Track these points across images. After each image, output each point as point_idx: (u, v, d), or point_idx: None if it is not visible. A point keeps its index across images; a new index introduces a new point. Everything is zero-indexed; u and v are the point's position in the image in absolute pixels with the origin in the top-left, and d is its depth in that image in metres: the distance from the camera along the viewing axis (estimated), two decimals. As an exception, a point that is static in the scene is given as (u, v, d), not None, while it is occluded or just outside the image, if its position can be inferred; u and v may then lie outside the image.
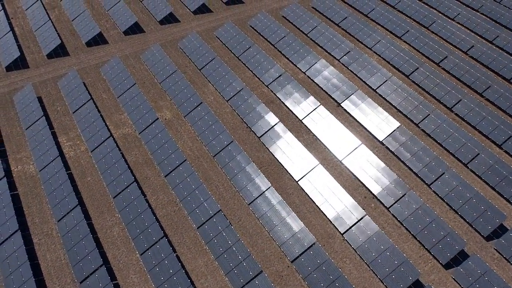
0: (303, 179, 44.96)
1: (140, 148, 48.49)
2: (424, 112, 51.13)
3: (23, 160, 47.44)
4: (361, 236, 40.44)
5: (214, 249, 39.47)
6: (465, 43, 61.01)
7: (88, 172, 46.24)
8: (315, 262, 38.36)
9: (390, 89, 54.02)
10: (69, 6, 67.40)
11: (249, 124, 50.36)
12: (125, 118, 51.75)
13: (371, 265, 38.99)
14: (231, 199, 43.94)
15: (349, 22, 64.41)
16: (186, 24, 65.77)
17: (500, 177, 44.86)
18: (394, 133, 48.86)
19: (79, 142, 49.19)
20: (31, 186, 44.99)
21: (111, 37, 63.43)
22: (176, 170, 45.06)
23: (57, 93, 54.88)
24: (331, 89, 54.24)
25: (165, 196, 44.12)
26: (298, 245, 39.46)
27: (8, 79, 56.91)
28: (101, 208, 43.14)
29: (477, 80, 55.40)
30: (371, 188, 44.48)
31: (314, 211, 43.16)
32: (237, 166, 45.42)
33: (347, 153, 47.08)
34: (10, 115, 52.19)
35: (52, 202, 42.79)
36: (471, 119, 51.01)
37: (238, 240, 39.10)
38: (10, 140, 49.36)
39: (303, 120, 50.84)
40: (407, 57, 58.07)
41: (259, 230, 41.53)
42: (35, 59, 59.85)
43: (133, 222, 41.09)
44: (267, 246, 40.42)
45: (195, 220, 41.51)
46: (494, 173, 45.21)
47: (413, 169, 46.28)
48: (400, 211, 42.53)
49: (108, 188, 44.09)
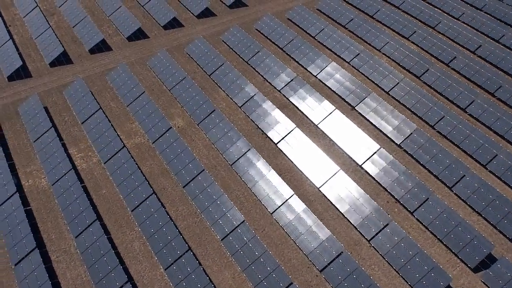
0: (325, 186, 44.26)
1: (154, 158, 47.23)
2: (439, 114, 50.86)
3: (33, 173, 45.81)
4: (388, 242, 39.89)
5: (240, 261, 38.51)
6: (472, 43, 61.03)
7: (102, 184, 44.84)
8: (345, 271, 37.67)
9: (403, 91, 53.66)
10: (68, 12, 65.61)
11: (265, 130, 49.47)
12: (137, 127, 50.40)
13: (401, 272, 38.46)
14: (253, 208, 43.01)
15: (355, 23, 63.95)
16: (190, 28, 64.55)
17: (520, 178, 44.81)
18: (411, 136, 48.48)
19: (91, 153, 47.71)
20: (44, 201, 43.43)
21: (115, 43, 61.89)
22: (194, 180, 43.95)
23: (63, 103, 53.24)
24: (344, 92, 53.65)
25: (185, 208, 42.99)
26: (326, 254, 38.72)
27: (11, 89, 55.05)
28: (119, 221, 41.83)
29: (488, 80, 55.38)
30: (393, 193, 43.99)
31: (338, 218, 42.48)
32: (257, 174, 44.50)
33: (366, 157, 46.52)
34: (16, 127, 50.42)
35: (68, 217, 41.33)
36: (486, 120, 50.91)
37: (265, 251, 38.20)
38: (18, 153, 47.66)
39: (319, 125, 50.14)
40: (417, 58, 57.81)
41: (284, 240, 40.68)
42: (38, 67, 58.04)
43: (155, 236, 39.88)
44: (294, 256, 39.60)
45: (219, 231, 40.48)
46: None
47: (433, 172, 45.91)
48: (425, 215, 42.09)
49: (126, 201, 42.78)
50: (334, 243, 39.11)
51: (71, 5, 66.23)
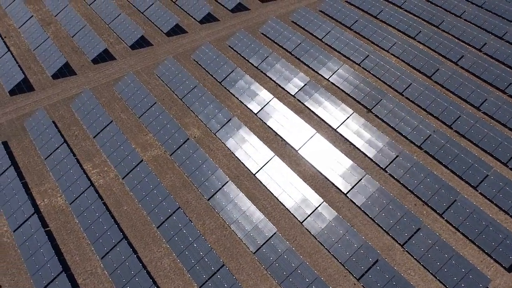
0: (352, 191, 43.66)
1: (174, 170, 45.81)
2: (455, 113, 50.89)
3: (48, 192, 43.84)
4: (422, 246, 39.51)
5: (277, 274, 37.54)
6: (478, 40, 61.44)
7: (123, 200, 43.22)
8: (384, 278, 37.11)
9: (417, 92, 53.53)
10: (66, 21, 63.38)
11: (285, 137, 48.58)
12: (151, 139, 48.84)
13: (438, 275, 38.11)
14: (282, 218, 42.08)
15: (361, 24, 63.66)
16: (194, 34, 63.14)
17: (542, 174, 45.12)
18: (431, 137, 48.32)
19: (107, 168, 45.97)
20: (63, 220, 41.57)
21: (118, 52, 60.03)
22: (220, 191, 42.76)
23: (71, 116, 51.24)
24: (359, 95, 53.20)
25: (212, 221, 41.76)
26: (363, 261, 38.09)
27: (14, 104, 52.72)
28: (145, 239, 40.32)
29: (498, 77, 55.77)
30: (420, 195, 43.69)
31: (368, 224, 41.93)
32: (282, 183, 43.56)
33: (390, 160, 46.14)
34: (24, 143, 48.25)
35: (91, 237, 39.61)
36: (501, 117, 51.17)
37: (302, 262, 37.34)
38: (30, 172, 45.57)
39: (338, 129, 49.54)
40: (426, 57, 57.81)
41: (317, 249, 39.89)
42: (40, 80, 55.79)
43: (186, 252, 38.55)
44: (329, 265, 38.85)
45: (251, 244, 39.41)
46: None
47: (457, 172, 45.85)
48: (454, 216, 41.93)
49: (150, 217, 41.28)
50: (370, 250, 38.52)
51: (68, 14, 64.00)
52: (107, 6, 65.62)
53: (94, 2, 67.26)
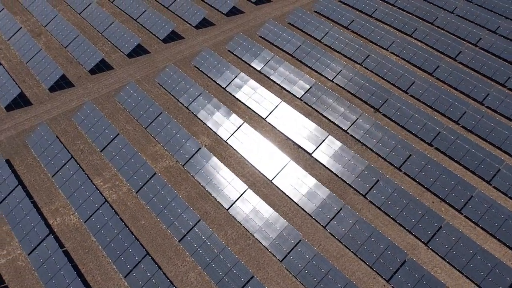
0: (370, 193, 43.58)
1: (188, 181, 44.75)
2: (461, 109, 51.52)
3: (60, 211, 42.17)
4: (446, 243, 39.74)
5: (307, 280, 37.06)
6: (473, 35, 62.46)
7: (139, 215, 41.94)
8: (413, 277, 37.12)
9: (422, 89, 53.96)
10: (58, 31, 61.27)
11: (297, 141, 48.15)
12: (161, 149, 47.63)
13: (465, 271, 38.36)
14: (304, 223, 41.64)
15: (358, 24, 63.84)
16: (191, 40, 62.03)
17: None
18: (441, 134, 48.74)
19: (118, 182, 44.56)
20: (79, 240, 40.03)
21: (115, 61, 58.39)
22: (239, 200, 41.99)
23: (74, 130, 49.50)
24: (365, 95, 53.26)
25: (234, 231, 40.95)
26: (391, 262, 38.00)
27: (12, 119, 50.59)
28: (167, 253, 39.21)
29: (497, 71, 56.79)
30: (437, 192, 43.96)
31: (390, 224, 41.92)
32: (301, 188, 43.13)
33: (404, 159, 46.28)
34: (27, 161, 46.31)
35: (112, 256, 38.26)
36: (505, 111, 52.08)
37: (331, 267, 36.98)
38: (37, 190, 43.75)
39: (349, 130, 49.42)
40: (425, 54, 58.38)
41: (343, 252, 39.60)
42: (36, 94, 53.73)
43: (212, 265, 37.66)
44: (357, 268, 38.63)
45: (277, 252, 38.81)
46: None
47: (469, 168, 46.35)
48: (473, 211, 42.33)
49: (170, 230, 40.18)
50: (397, 250, 38.46)
51: (59, 24, 61.91)
52: (99, 15, 63.80)
53: (84, 11, 65.31)
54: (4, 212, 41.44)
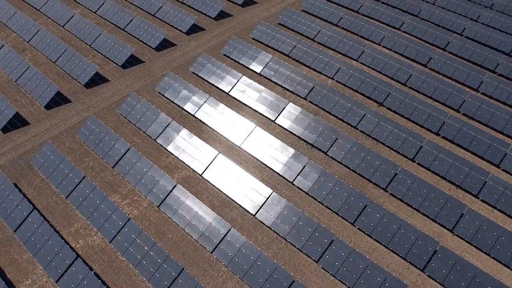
0: (391, 185, 44.31)
1: (208, 190, 43.98)
2: (460, 98, 53.24)
3: (81, 232, 40.45)
4: (470, 228, 40.97)
5: (346, 278, 37.26)
6: (457, 25, 64.66)
7: (165, 229, 40.84)
8: (447, 264, 38.05)
9: (420, 81, 55.37)
10: (43, 46, 58.66)
11: (309, 140, 48.27)
12: (175, 160, 46.56)
13: (492, 253, 39.69)
14: (331, 221, 41.83)
15: (347, 21, 64.74)
16: (184, 46, 60.97)
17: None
18: (446, 122, 50.21)
19: (137, 197, 43.24)
20: (107, 260, 38.54)
21: (109, 73, 56.57)
22: (265, 205, 41.69)
23: (79, 147, 47.61)
24: (368, 90, 54.09)
25: (264, 235, 40.60)
26: (424, 252, 38.78)
27: (11, 141, 48.07)
28: (201, 265, 38.40)
29: (486, 58, 59.09)
30: (453, 180, 45.18)
31: (413, 214, 42.73)
32: (322, 186, 43.28)
33: (416, 150, 47.32)
34: (36, 183, 44.14)
35: (146, 274, 37.06)
36: (500, 96, 54.24)
37: (369, 262, 37.35)
38: (52, 213, 41.79)
39: (358, 126, 50.03)
40: (417, 46, 59.97)
41: (375, 246, 40.08)
42: (32, 112, 51.29)
43: (251, 272, 37.19)
44: (391, 260, 39.18)
45: (312, 253, 38.79)
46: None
47: (478, 153, 47.94)
48: (490, 195, 43.80)
49: (201, 242, 39.36)
50: (427, 239, 39.31)
51: (44, 38, 59.31)
52: (85, 26, 61.63)
53: (68, 23, 62.90)
54: (21, 239, 39.36)
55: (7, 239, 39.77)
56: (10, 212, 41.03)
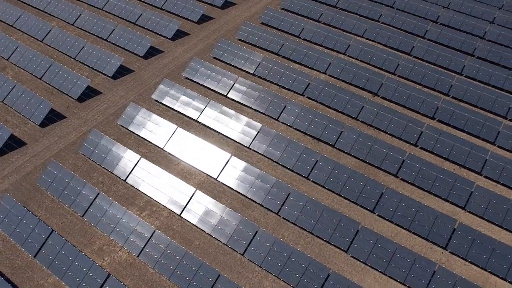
0: (401, 171, 45.92)
1: (226, 192, 43.89)
2: (448, 82, 55.83)
3: (104, 250, 39.33)
4: (481, 204, 43.15)
5: (376, 263, 38.37)
6: (432, 13, 67.59)
7: (191, 236, 40.42)
8: (467, 239, 39.94)
9: (408, 69, 57.55)
10: (26, 62, 56.21)
11: (316, 135, 49.08)
12: (187, 167, 46.08)
13: (504, 225, 42.05)
14: (350, 211, 42.88)
15: (328, 16, 66.18)
16: (172, 52, 60.24)
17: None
18: (440, 106, 52.49)
19: (156, 208, 42.50)
20: (137, 275, 37.72)
21: (100, 85, 55.06)
22: (286, 202, 42.12)
23: (85, 163, 46.15)
24: (361, 81, 55.62)
25: (290, 232, 41.05)
26: (444, 231, 40.51)
27: (10, 164, 45.88)
28: (235, 268, 38.35)
29: (464, 43, 62.21)
30: (456, 160, 47.46)
31: (425, 196, 44.54)
32: (337, 178, 44.25)
33: (418, 135, 49.26)
34: (46, 204, 42.43)
35: (181, 283, 36.56)
36: (483, 78, 57.30)
37: (398, 245, 38.62)
38: (70, 233, 40.35)
39: (359, 117, 51.42)
40: (399, 36, 62.26)
41: (396, 230, 41.44)
42: (27, 132, 49.14)
43: (286, 269, 37.58)
44: (414, 242, 40.65)
45: (341, 243, 39.64)
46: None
47: (473, 133, 50.53)
48: (492, 172, 46.31)
49: (230, 245, 39.29)
50: (445, 218, 41.11)
51: (25, 54, 56.82)
52: (66, 39, 59.58)
53: (47, 37, 60.56)
54: (44, 263, 37.80)
55: (28, 265, 38.10)
56: (27, 236, 39.29)
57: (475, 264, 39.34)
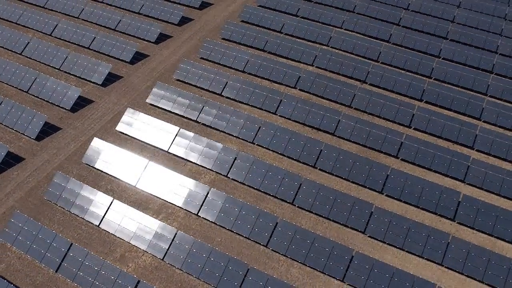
0: (401, 152, 48.04)
1: (238, 188, 44.39)
2: (429, 65, 58.62)
3: (126, 256, 38.94)
4: (479, 175, 45.90)
5: (395, 240, 40.07)
6: (402, 1, 70.59)
7: (211, 234, 40.70)
8: (473, 210, 42.43)
9: (390, 55, 60.00)
10: (8, 76, 54.13)
11: (315, 125, 50.45)
12: (194, 168, 46.17)
13: (502, 193, 44.95)
14: (360, 194, 44.47)
15: (305, 10, 67.73)
16: (157, 55, 59.89)
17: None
18: (426, 89, 55.14)
19: (171, 210, 42.41)
20: (165, 277, 37.64)
21: (91, 93, 54.04)
22: (300, 191, 43.15)
23: (90, 172, 45.32)
24: (348, 70, 57.47)
25: (307, 219, 42.09)
26: (450, 203, 42.83)
27: (11, 181, 44.37)
28: (260, 259, 39.02)
29: (437, 27, 65.40)
30: (449, 137, 50.14)
31: (427, 174, 46.89)
32: (343, 164, 45.74)
33: (410, 118, 51.60)
34: (56, 217, 41.41)
35: (211, 280, 36.83)
36: (460, 59, 60.54)
37: (411, 221, 40.54)
38: (89, 244, 39.65)
39: (352, 104, 53.18)
40: (376, 25, 64.70)
41: (406, 208, 43.39)
42: (23, 147, 47.61)
43: (310, 255, 38.62)
44: (423, 217, 42.67)
45: (357, 225, 41.08)
46: None
47: (460, 111, 53.47)
48: (483, 144, 49.28)
49: (252, 238, 39.86)
50: (450, 192, 43.47)
51: (6, 68, 54.84)
52: (47, 50, 57.97)
53: (26, 49, 58.66)
54: (68, 277, 37.02)
55: (50, 280, 37.19)
56: (45, 252, 38.31)
57: (482, 232, 41.92)
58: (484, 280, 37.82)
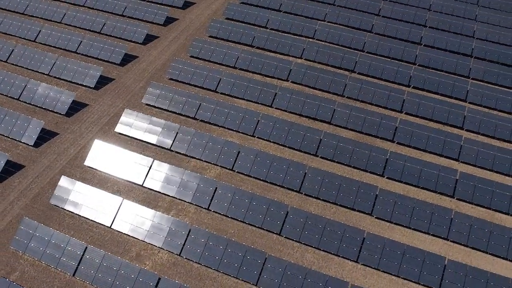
0: (396, 136, 49.78)
1: (244, 180, 45.06)
2: (413, 52, 60.80)
3: (143, 254, 39.01)
4: (472, 153, 48.16)
5: (401, 219, 41.71)
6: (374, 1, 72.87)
7: (224, 226, 41.23)
8: (470, 186, 44.56)
9: (375, 45, 61.81)
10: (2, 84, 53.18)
11: (311, 115, 51.66)
12: (199, 163, 46.53)
13: (494, 168, 47.31)
14: (362, 178, 45.93)
15: (288, 5, 68.89)
16: (146, 56, 59.74)
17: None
18: (413, 75, 57.23)
19: (181, 206, 42.70)
20: (183, 272, 37.95)
21: (84, 97, 53.46)
22: (306, 179, 44.19)
23: (94, 175, 45.00)
24: (336, 61, 58.92)
25: (315, 206, 43.15)
26: (448, 181, 44.83)
27: (13, 189, 43.57)
28: (275, 247, 39.81)
29: (415, 16, 67.76)
30: (440, 119, 52.26)
31: (423, 155, 48.80)
32: (343, 150, 47.09)
33: (401, 103, 53.50)
34: (66, 221, 41.00)
35: (231, 271, 37.39)
36: (441, 45, 63.03)
37: (417, 201, 42.24)
38: (102, 245, 39.50)
39: (344, 93, 54.66)
40: (358, 16, 66.45)
41: (407, 188, 45.15)
42: (21, 154, 46.76)
43: (324, 239, 39.68)
44: (424, 196, 44.53)
45: (364, 207, 42.49)
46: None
47: (446, 94, 55.75)
48: (473, 125, 51.63)
49: (265, 226, 40.62)
50: (448, 171, 45.48)
51: (-6, 76, 53.68)
52: (33, 56, 56.91)
53: (11, 57, 57.41)
54: (86, 279, 36.83)
55: (68, 284, 36.91)
56: (60, 256, 37.98)
57: (480, 206, 44.09)
58: (488, 251, 39.92)
